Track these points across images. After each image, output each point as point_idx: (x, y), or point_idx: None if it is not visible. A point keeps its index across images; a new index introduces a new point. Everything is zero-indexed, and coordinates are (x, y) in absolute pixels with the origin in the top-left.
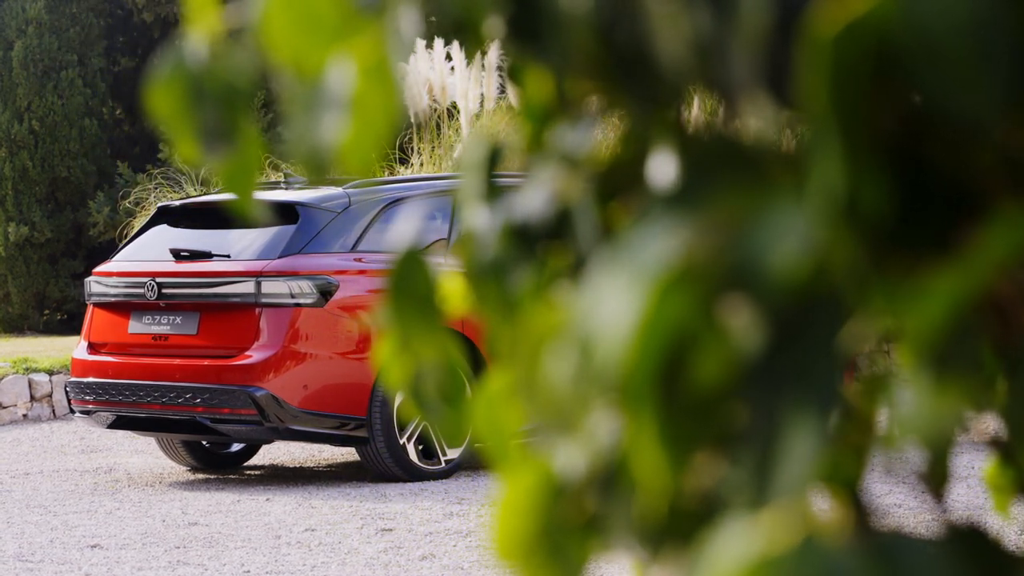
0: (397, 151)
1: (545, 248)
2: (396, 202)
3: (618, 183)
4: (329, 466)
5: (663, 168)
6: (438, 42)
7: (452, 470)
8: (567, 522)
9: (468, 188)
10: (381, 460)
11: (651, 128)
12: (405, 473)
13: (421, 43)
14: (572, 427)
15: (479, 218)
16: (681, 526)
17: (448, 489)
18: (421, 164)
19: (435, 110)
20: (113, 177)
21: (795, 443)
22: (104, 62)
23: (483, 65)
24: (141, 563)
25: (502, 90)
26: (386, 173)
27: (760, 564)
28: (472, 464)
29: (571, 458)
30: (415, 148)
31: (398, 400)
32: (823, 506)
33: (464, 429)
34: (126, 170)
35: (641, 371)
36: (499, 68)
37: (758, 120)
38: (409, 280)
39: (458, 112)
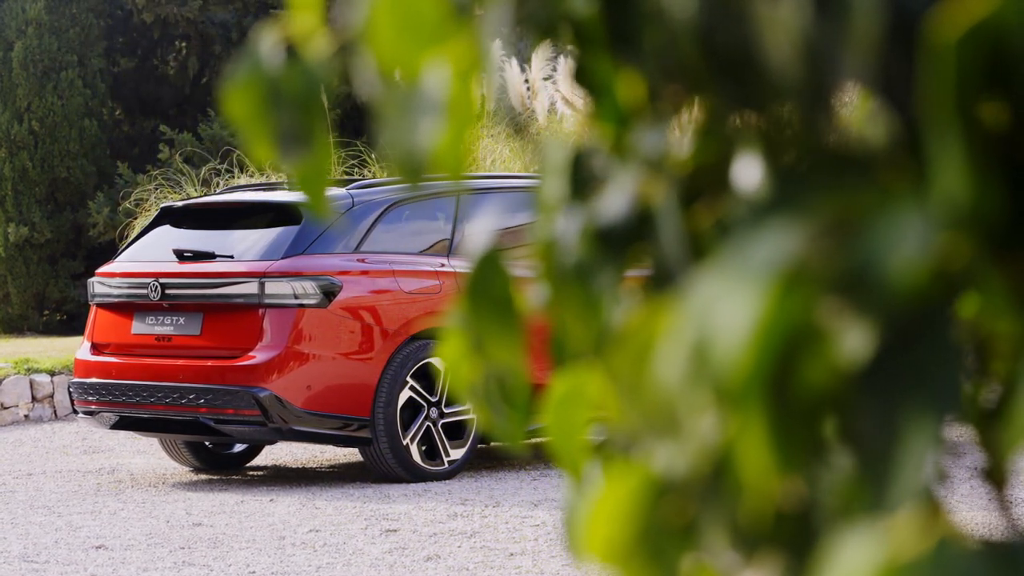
0: None
1: (628, 251)
2: (399, 203)
3: (701, 186)
4: (332, 467)
5: (756, 170)
6: None
7: (455, 471)
8: (667, 525)
9: (550, 192)
10: (384, 461)
11: (748, 131)
12: (408, 474)
13: None
14: (674, 429)
15: (561, 222)
16: (783, 529)
17: (451, 490)
18: None
19: None
20: (113, 178)
21: (914, 446)
22: (104, 63)
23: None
24: (146, 564)
25: (503, 92)
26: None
27: (892, 569)
28: (475, 465)
29: (672, 460)
30: None
31: (402, 401)
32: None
33: (526, 432)
34: (126, 171)
35: (756, 373)
36: (500, 69)
37: (865, 123)
38: (487, 282)
39: None
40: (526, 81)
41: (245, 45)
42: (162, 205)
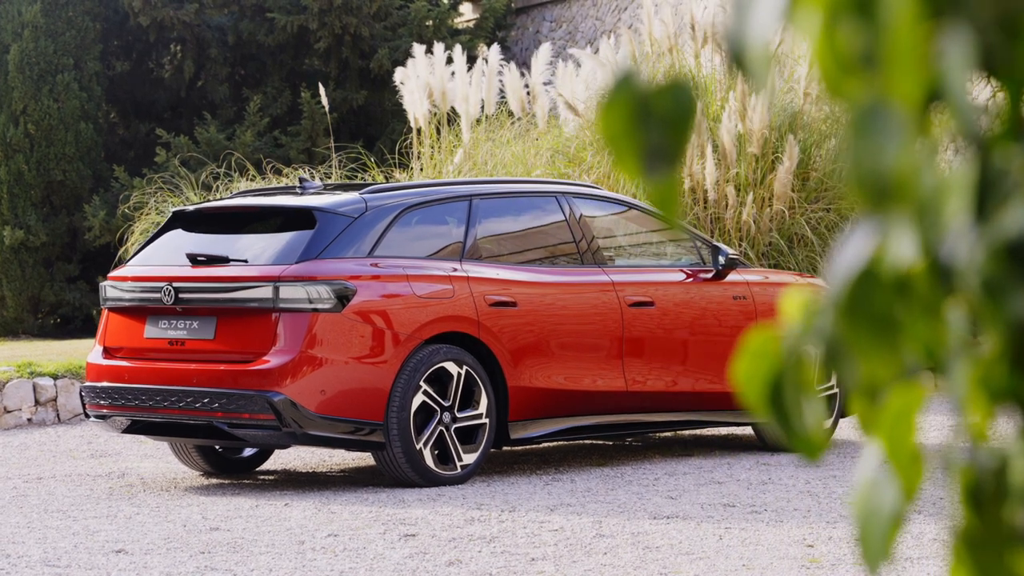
0: (397, 155)
1: None
2: (412, 208)
3: None
4: (343, 471)
5: None
6: (438, 46)
7: (468, 475)
8: None
9: (955, 207)
10: (397, 465)
11: None
12: (421, 478)
13: (421, 48)
14: None
15: (960, 239)
16: None
17: (466, 494)
18: (421, 169)
19: (435, 114)
20: (109, 181)
21: None
22: (100, 66)
23: (483, 71)
24: (169, 568)
25: (502, 95)
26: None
27: None
28: (487, 469)
29: None
30: (415, 152)
31: (415, 405)
32: None
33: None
34: (122, 174)
35: None
36: (499, 73)
37: None
38: (865, 299)
39: (458, 117)
40: (526, 86)
41: (240, 47)
42: (173, 209)
